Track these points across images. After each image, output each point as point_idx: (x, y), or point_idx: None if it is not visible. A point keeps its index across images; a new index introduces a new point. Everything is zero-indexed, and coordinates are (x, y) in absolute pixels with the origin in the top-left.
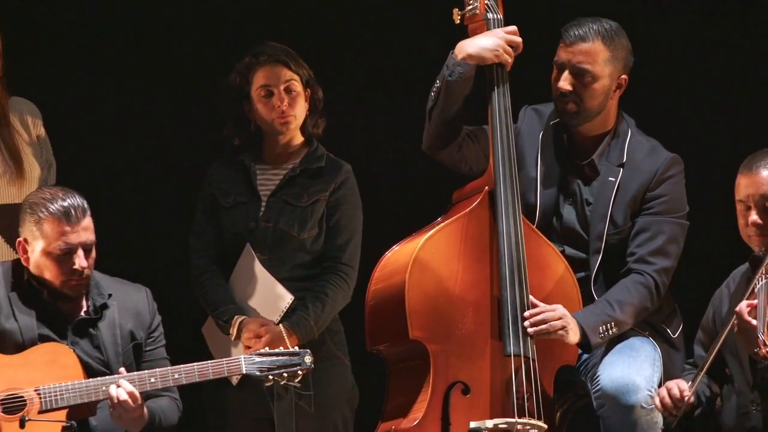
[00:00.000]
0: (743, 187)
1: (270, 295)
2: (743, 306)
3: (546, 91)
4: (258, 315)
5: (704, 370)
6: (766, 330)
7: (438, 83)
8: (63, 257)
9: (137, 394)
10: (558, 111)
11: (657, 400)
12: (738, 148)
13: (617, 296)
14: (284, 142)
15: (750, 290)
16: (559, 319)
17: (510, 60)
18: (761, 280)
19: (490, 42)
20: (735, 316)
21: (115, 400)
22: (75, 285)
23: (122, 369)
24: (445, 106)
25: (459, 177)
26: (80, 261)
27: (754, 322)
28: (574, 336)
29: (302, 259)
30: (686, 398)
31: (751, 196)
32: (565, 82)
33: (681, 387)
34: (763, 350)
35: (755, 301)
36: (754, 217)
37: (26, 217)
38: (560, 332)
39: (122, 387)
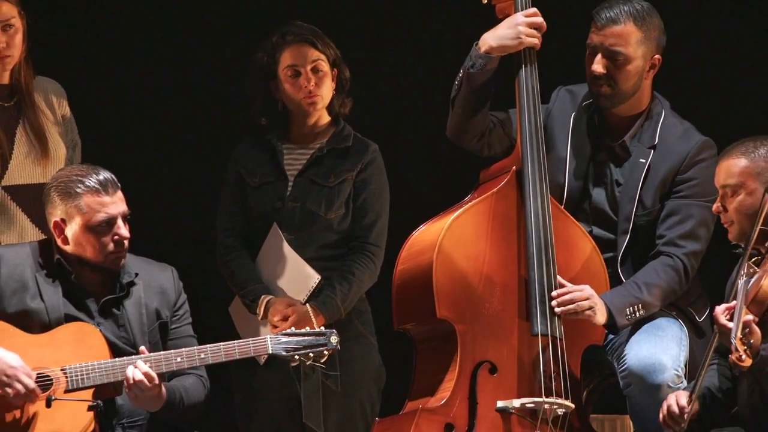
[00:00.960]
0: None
1: (297, 275)
2: (719, 309)
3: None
4: (285, 295)
5: (702, 376)
6: (739, 335)
7: (461, 73)
8: (105, 229)
9: (153, 374)
10: (592, 93)
11: (660, 417)
12: None
13: (645, 278)
14: (311, 122)
15: (733, 291)
16: (587, 299)
17: (535, 41)
18: (741, 280)
19: (511, 31)
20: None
21: (131, 381)
22: (117, 257)
23: (143, 348)
24: (467, 96)
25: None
26: (122, 231)
27: (729, 325)
28: (601, 317)
29: (329, 239)
30: (686, 413)
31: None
32: (598, 65)
33: (680, 404)
34: (734, 356)
35: (733, 303)
36: (716, 204)
37: (58, 197)
38: (587, 313)
39: (138, 367)
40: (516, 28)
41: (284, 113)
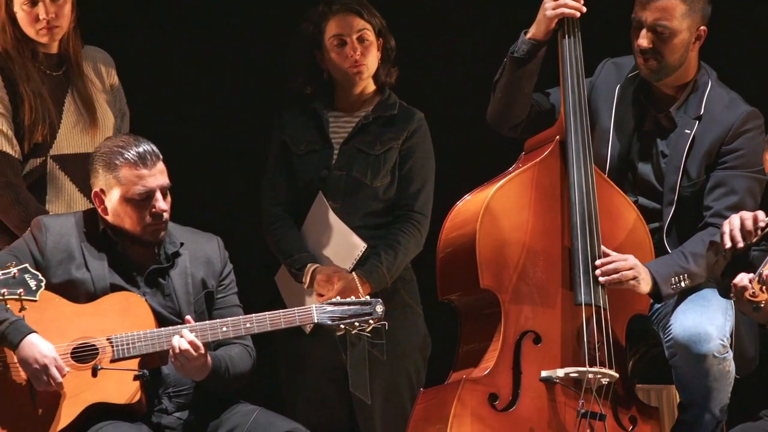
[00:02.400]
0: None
1: (343, 244)
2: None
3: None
4: (331, 263)
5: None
6: (757, 278)
7: (506, 57)
8: (142, 202)
9: (199, 343)
10: (639, 67)
11: (725, 227)
12: None
13: (692, 248)
14: (357, 91)
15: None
16: (631, 269)
17: (574, 7)
18: None
19: (548, 4)
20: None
21: (177, 350)
22: (155, 230)
23: (189, 317)
24: (509, 82)
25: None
26: (160, 204)
27: (745, 280)
28: (645, 286)
29: (375, 208)
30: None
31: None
32: (644, 40)
33: (761, 217)
34: (747, 292)
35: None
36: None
37: (100, 167)
38: (631, 282)
39: (184, 336)
40: (550, 2)
41: (329, 82)
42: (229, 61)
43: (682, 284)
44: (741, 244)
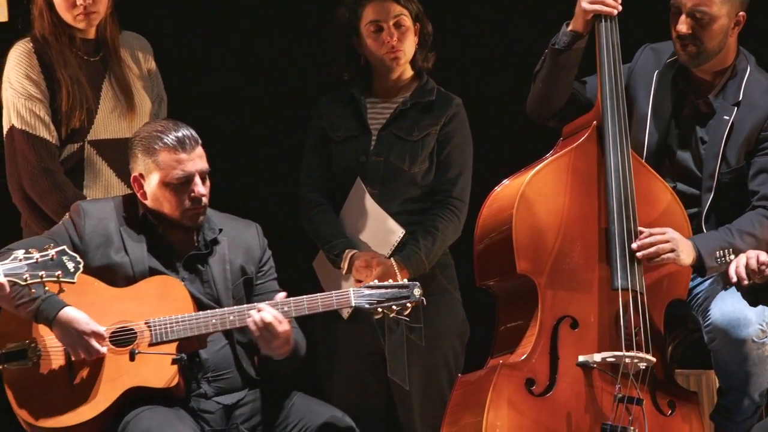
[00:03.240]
0: None
1: (381, 229)
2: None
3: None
4: (369, 249)
5: None
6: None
7: (547, 49)
8: (181, 186)
9: (281, 317)
10: (678, 53)
11: (732, 269)
12: None
13: (739, 226)
14: (394, 77)
15: None
16: (668, 241)
17: (611, 5)
18: None
19: None
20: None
21: (260, 324)
22: (194, 214)
23: (283, 294)
24: (549, 73)
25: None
26: (198, 188)
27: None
28: (686, 257)
29: (413, 193)
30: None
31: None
32: (683, 26)
33: (761, 259)
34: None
35: None
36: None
37: (139, 152)
38: (670, 255)
39: (265, 311)
40: None
41: (367, 67)
42: (268, 46)
43: (727, 258)
44: (746, 282)
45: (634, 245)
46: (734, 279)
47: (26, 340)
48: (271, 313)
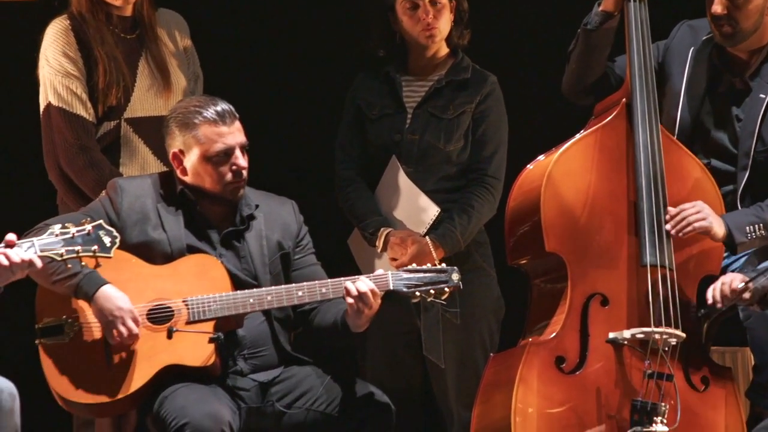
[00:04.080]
0: None
1: (416, 208)
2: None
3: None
4: (404, 227)
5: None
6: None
7: (580, 29)
8: (222, 159)
9: (377, 290)
10: (714, 33)
11: (709, 292)
12: None
13: None
14: (430, 54)
15: None
16: (698, 212)
17: None
18: None
19: None
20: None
21: (354, 293)
22: (235, 188)
23: (365, 276)
24: (582, 53)
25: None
26: (240, 161)
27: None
28: (718, 229)
29: (448, 172)
30: (735, 295)
31: None
32: (718, 6)
33: (732, 285)
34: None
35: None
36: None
37: (176, 128)
38: (702, 223)
39: (362, 281)
40: None
41: (402, 45)
42: (304, 23)
43: (757, 233)
44: (720, 305)
45: (667, 226)
46: (710, 301)
47: (63, 316)
48: (366, 284)
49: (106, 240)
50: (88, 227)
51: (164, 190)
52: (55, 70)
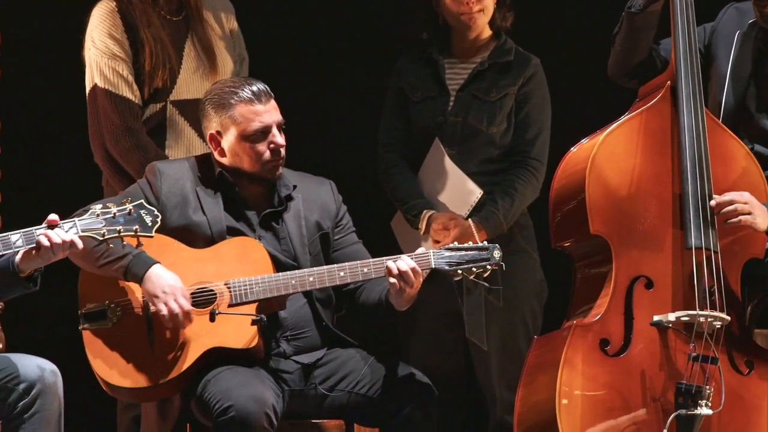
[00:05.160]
0: None
1: (459, 190)
2: None
3: None
4: (446, 210)
5: None
6: None
7: (624, 12)
8: (260, 138)
9: (419, 269)
10: (756, 15)
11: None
12: None
13: None
14: (472, 37)
15: None
16: (746, 203)
17: None
18: None
19: None
20: None
21: (396, 272)
22: (273, 166)
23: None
24: (626, 36)
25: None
26: (277, 139)
27: None
28: (762, 222)
29: (491, 154)
30: None
31: None
32: None
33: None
34: None
35: None
36: None
37: (212, 110)
38: (747, 218)
39: (404, 260)
40: None
41: (445, 27)
42: (346, 6)
43: None
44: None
45: (712, 202)
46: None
47: (106, 301)
48: (408, 263)
49: (147, 219)
50: (129, 207)
51: (202, 173)
52: (101, 52)
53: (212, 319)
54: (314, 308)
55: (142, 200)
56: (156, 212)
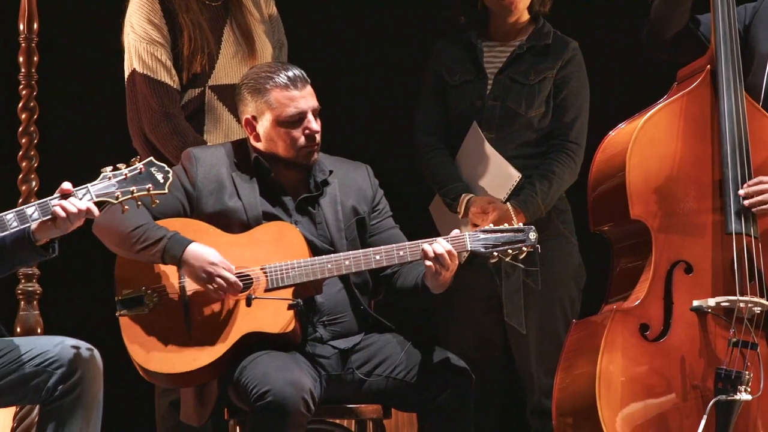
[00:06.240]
0: None
1: (497, 174)
2: None
3: None
4: (485, 193)
5: None
6: None
7: None
8: (295, 123)
9: (455, 252)
10: None
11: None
12: None
13: None
14: (511, 20)
15: None
16: None
17: None
18: None
19: None
20: None
21: (432, 254)
22: (308, 152)
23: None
24: (663, 4)
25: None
26: (312, 125)
27: None
28: None
29: (529, 138)
30: None
31: None
32: None
33: None
34: None
35: None
36: None
37: (248, 94)
38: None
39: (440, 243)
40: None
41: (483, 11)
42: None
43: None
44: None
45: (741, 191)
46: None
47: (143, 287)
48: (444, 245)
49: (159, 176)
50: (140, 165)
51: (238, 158)
52: (140, 37)
53: (249, 304)
54: (351, 293)
55: (152, 157)
56: (166, 168)
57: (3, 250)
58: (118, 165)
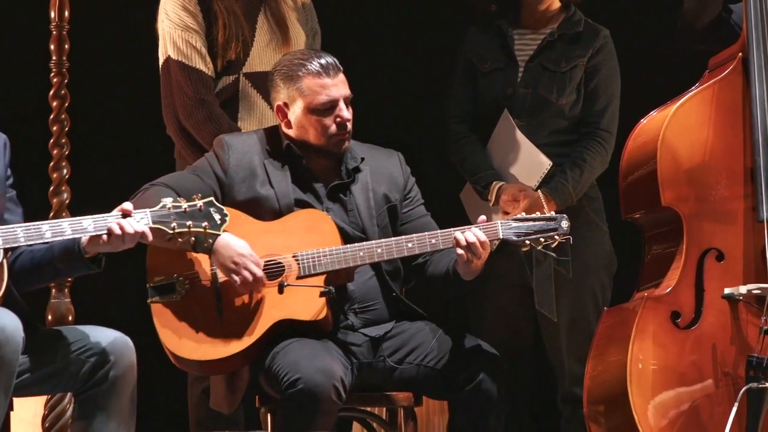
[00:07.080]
0: None
1: (528, 161)
2: None
3: None
4: (516, 181)
5: None
6: None
7: None
8: (326, 111)
9: (487, 241)
10: None
11: None
12: None
13: None
14: (542, 8)
15: None
16: None
17: None
18: None
19: None
20: None
21: (464, 242)
22: (339, 140)
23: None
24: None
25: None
26: (344, 113)
27: None
28: None
29: (560, 125)
30: None
31: None
32: None
33: None
34: None
35: None
36: None
37: (281, 81)
38: None
39: (472, 231)
40: None
41: None
42: None
43: None
44: None
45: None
46: None
47: (174, 274)
48: (476, 234)
49: (216, 217)
50: (200, 203)
51: (270, 145)
52: (175, 24)
53: (281, 291)
54: (383, 281)
55: (212, 198)
56: (225, 211)
57: (52, 259)
58: (178, 199)
